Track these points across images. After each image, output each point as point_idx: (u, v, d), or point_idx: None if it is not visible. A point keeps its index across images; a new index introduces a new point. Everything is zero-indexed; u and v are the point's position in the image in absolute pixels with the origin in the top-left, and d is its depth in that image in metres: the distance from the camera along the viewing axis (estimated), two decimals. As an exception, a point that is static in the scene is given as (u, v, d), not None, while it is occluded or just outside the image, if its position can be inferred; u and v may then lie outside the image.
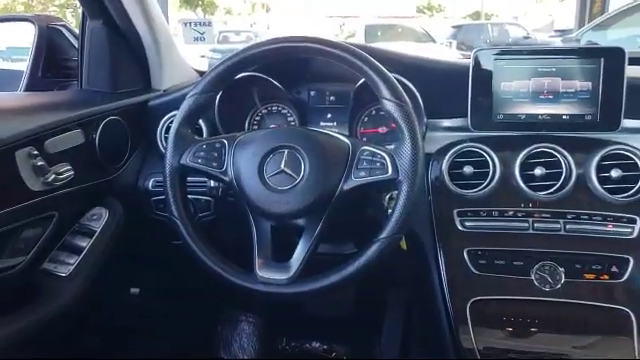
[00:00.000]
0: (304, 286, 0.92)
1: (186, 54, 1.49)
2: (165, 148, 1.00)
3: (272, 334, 1.75)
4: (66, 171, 1.01)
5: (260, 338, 1.72)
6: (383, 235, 0.90)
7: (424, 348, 1.38)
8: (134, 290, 1.53)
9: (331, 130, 1.10)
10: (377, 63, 0.93)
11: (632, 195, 1.02)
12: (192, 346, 1.66)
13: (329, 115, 1.27)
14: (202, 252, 0.96)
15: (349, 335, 1.76)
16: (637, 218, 1.02)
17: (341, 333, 1.77)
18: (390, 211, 0.91)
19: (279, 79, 1.20)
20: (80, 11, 1.28)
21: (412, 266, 1.18)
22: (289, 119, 1.28)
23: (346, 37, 11.66)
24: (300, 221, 0.94)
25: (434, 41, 11.31)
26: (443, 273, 1.05)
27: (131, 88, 1.30)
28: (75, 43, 1.65)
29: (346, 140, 0.96)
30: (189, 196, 1.04)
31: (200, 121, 1.19)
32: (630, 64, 1.08)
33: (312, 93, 1.28)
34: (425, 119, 1.13)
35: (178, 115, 0.99)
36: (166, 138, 1.15)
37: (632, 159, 1.04)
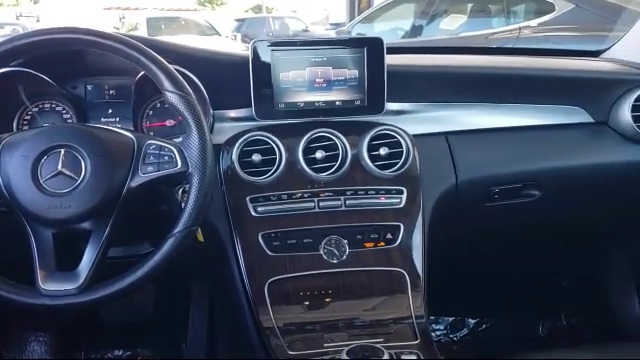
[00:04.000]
0: (97, 293, 0.87)
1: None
2: None
3: (68, 349, 1.62)
4: None
5: (55, 356, 1.59)
6: (177, 229, 0.89)
7: (229, 336, 1.41)
8: None
9: (114, 126, 1.06)
10: (155, 54, 0.92)
11: (398, 169, 1.16)
12: None
13: (110, 110, 1.21)
14: None
15: (154, 337, 1.72)
16: (404, 189, 1.15)
17: (145, 336, 1.72)
18: (184, 204, 0.91)
19: (50, 74, 1.10)
20: None
21: (211, 257, 1.19)
22: (65, 116, 1.19)
23: (128, 30, 11.11)
24: (86, 225, 0.88)
25: (219, 34, 11.36)
26: (241, 259, 1.08)
27: None
28: None
29: (130, 135, 0.92)
30: None
31: None
32: (390, 53, 1.21)
33: (89, 88, 1.20)
34: (211, 110, 1.14)
35: None
36: None
37: (396, 138, 1.17)
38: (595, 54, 1.62)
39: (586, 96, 1.34)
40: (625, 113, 1.30)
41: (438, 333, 1.91)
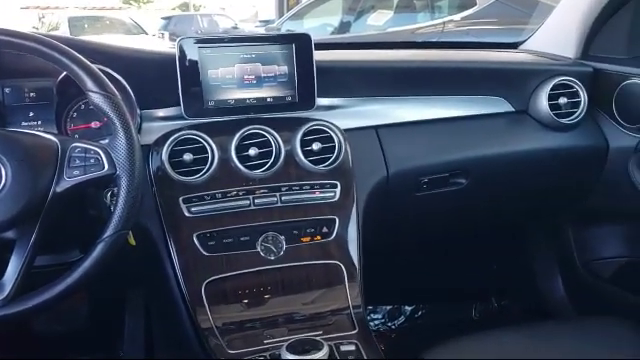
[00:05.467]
0: (24, 304, 0.84)
1: None
2: None
3: None
4: None
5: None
6: (107, 234, 0.87)
7: (167, 340, 1.38)
8: None
9: (36, 130, 1.01)
10: (76, 54, 0.89)
11: (331, 163, 1.17)
12: None
13: (31, 113, 1.15)
14: None
15: (90, 345, 1.66)
16: (337, 183, 1.16)
17: (81, 345, 1.66)
18: (113, 208, 0.89)
19: None
20: None
21: (145, 261, 1.17)
22: None
23: (48, 30, 10.68)
24: (9, 234, 0.85)
25: (146, 33, 11.10)
26: (175, 261, 1.06)
27: None
28: None
29: (54, 139, 0.89)
30: None
31: None
32: (320, 49, 1.23)
33: (7, 90, 1.14)
34: (138, 110, 1.11)
35: None
36: None
37: (328, 132, 1.18)
38: (514, 46, 1.70)
39: (507, 87, 1.41)
40: (542, 102, 1.37)
41: (376, 322, 1.95)
